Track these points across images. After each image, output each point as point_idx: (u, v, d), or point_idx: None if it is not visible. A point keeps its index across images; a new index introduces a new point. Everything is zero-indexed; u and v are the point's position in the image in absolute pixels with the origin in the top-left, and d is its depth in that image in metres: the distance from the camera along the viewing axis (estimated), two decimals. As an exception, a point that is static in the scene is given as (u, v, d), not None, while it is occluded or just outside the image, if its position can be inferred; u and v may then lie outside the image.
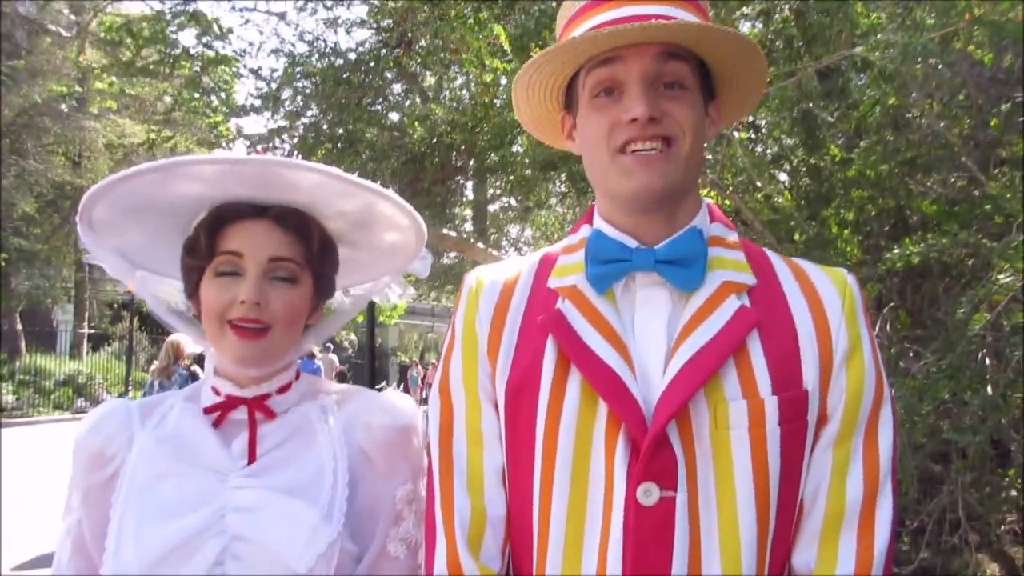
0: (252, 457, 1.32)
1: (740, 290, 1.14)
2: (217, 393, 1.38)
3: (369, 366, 10.96)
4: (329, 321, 1.55)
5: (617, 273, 1.16)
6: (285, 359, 1.39)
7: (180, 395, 1.44)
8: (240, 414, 1.36)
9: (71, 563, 1.35)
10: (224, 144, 5.86)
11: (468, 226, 7.70)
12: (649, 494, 1.04)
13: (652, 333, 1.14)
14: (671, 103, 1.13)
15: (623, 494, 1.05)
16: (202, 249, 1.34)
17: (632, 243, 1.17)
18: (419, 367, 23.13)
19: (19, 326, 20.46)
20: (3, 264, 18.88)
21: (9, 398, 17.73)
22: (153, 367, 6.37)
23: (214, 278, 1.33)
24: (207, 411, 1.36)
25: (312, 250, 1.39)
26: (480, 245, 5.56)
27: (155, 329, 24.42)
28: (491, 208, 7.99)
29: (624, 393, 1.08)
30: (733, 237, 1.21)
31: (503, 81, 3.43)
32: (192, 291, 1.39)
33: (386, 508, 1.34)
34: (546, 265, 1.26)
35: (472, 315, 1.24)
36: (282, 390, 1.39)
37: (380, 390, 1.59)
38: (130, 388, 21.36)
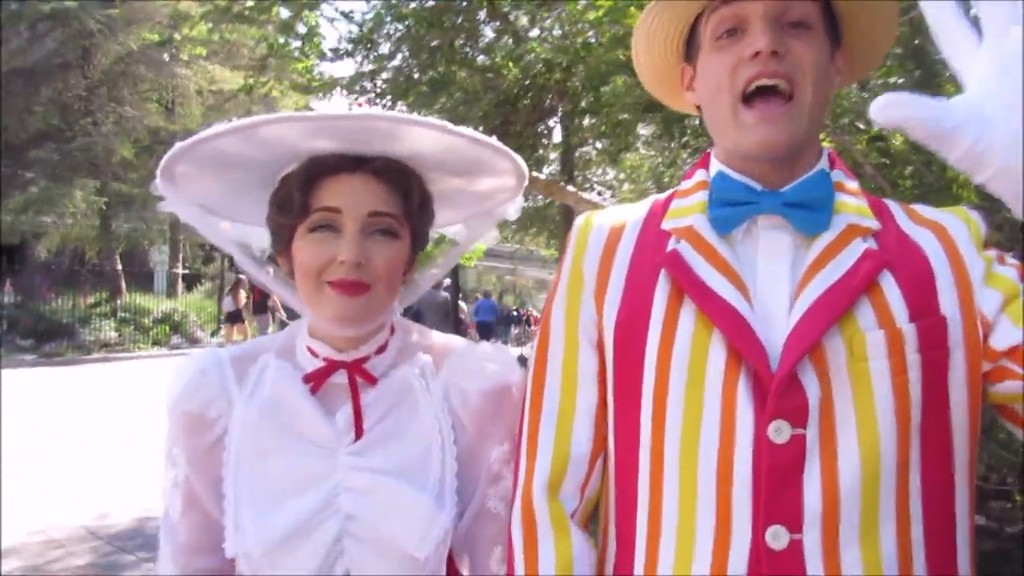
0: (359, 432, 1.30)
1: (865, 234, 1.13)
2: (314, 355, 1.34)
3: (453, 308, 11.13)
4: (423, 277, 1.49)
5: (742, 215, 1.15)
6: (384, 317, 1.36)
7: (273, 350, 1.38)
8: (339, 378, 1.33)
9: (185, 517, 1.35)
10: (319, 94, 5.92)
11: (555, 169, 7.66)
12: (781, 432, 1.04)
13: (775, 276, 1.13)
14: (795, 41, 1.11)
15: (751, 432, 1.06)
16: (295, 206, 1.27)
17: (757, 186, 1.16)
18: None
19: (119, 267, 21.46)
20: (104, 208, 19.76)
21: (112, 334, 18.73)
22: None
23: (308, 234, 1.27)
24: (307, 379, 1.32)
25: (412, 205, 1.34)
26: (571, 188, 5.52)
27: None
28: (581, 151, 7.88)
29: (744, 328, 1.07)
30: (855, 184, 1.19)
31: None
32: (283, 248, 1.34)
33: (484, 468, 1.34)
34: (658, 209, 1.26)
35: (580, 255, 1.25)
36: (380, 350, 1.36)
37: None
38: (222, 326, 22.28)
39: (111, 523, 5.80)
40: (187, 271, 25.34)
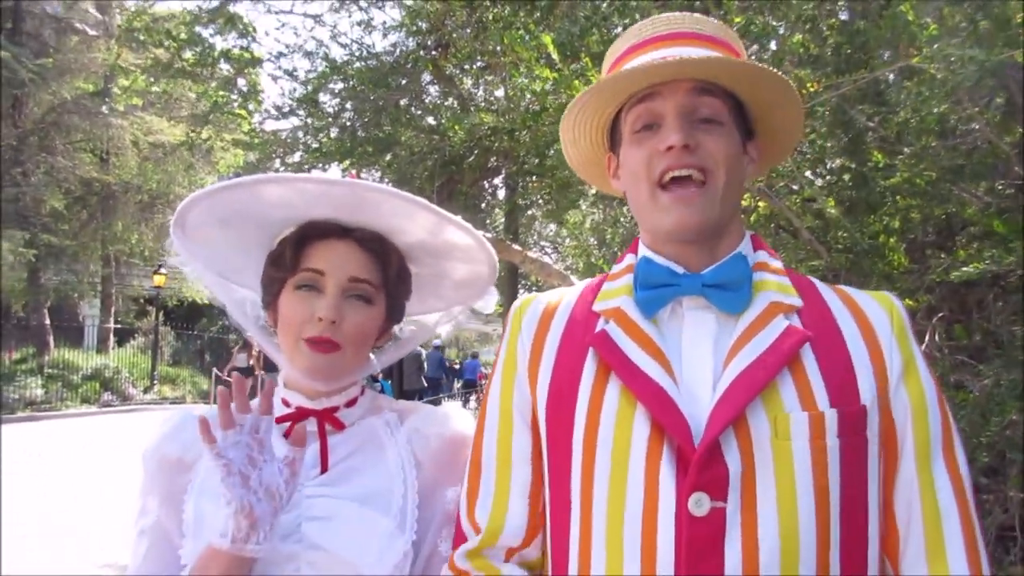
0: (324, 466, 1.37)
1: (788, 311, 1.19)
2: (287, 405, 1.43)
3: (397, 363, 11.00)
4: (394, 347, 1.59)
5: (665, 297, 1.21)
6: (352, 377, 1.45)
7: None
8: (310, 426, 1.41)
9: (145, 565, 1.39)
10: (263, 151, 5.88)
11: (500, 223, 7.73)
12: (700, 504, 1.07)
13: (699, 353, 1.18)
14: (706, 136, 1.20)
15: (672, 504, 1.08)
16: (287, 262, 1.40)
17: (680, 269, 1.22)
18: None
19: (47, 321, 20.68)
20: (32, 260, 19.10)
21: (38, 392, 17.95)
22: None
23: (294, 291, 1.39)
24: (278, 421, 1.40)
25: (389, 275, 1.44)
26: (516, 247, 5.57)
27: (180, 324, 24.69)
28: (526, 213, 8.00)
29: (667, 402, 1.11)
30: (777, 264, 1.26)
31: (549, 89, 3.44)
32: (271, 301, 1.45)
33: (438, 510, 1.39)
34: (589, 292, 1.33)
35: (516, 336, 1.31)
36: (349, 404, 1.45)
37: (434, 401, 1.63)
38: (156, 382, 21.59)
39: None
40: (119, 325, 24.56)
